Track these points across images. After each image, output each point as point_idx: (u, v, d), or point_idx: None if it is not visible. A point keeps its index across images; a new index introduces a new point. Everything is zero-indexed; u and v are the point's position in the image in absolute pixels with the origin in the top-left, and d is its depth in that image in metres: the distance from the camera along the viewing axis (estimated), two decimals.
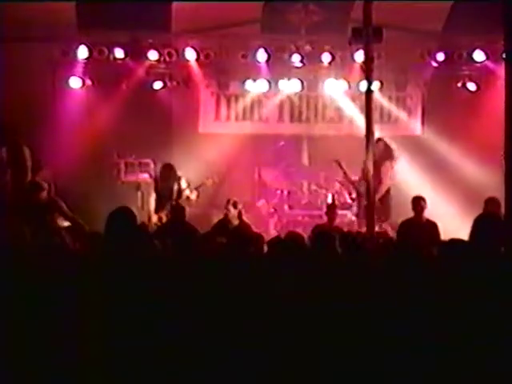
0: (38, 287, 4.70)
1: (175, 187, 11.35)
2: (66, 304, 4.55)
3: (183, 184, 11.43)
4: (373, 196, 9.30)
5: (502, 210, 6.76)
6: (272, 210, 13.11)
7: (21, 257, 5.28)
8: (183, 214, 10.07)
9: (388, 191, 11.67)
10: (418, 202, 10.32)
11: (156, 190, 11.49)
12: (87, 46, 12.82)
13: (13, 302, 4.59)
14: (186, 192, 11.36)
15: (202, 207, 12.41)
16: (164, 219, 11.05)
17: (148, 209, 11.48)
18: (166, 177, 11.43)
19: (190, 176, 11.89)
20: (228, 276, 4.97)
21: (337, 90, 13.55)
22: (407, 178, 12.72)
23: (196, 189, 11.48)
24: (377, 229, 10.58)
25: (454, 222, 10.97)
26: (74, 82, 13.16)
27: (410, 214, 10.40)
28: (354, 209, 12.19)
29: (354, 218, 12.21)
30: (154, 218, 11.25)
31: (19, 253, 5.43)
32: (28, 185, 10.00)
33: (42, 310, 4.55)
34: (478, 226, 4.96)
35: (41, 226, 8.43)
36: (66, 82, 13.12)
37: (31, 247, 5.81)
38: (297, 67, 13.30)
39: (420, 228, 10.15)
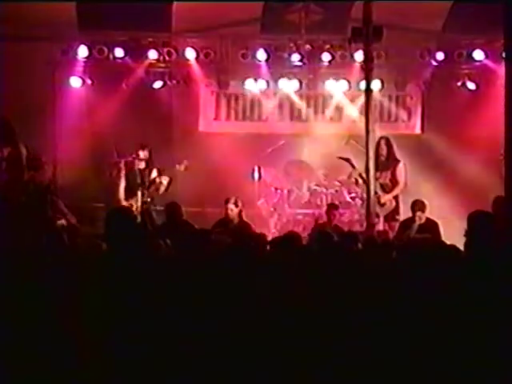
0: (37, 287, 4.70)
1: (146, 176, 11.31)
2: (66, 304, 4.55)
3: (154, 173, 11.41)
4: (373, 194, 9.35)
5: None
6: (272, 209, 13.10)
7: (19, 256, 5.28)
8: (180, 213, 10.05)
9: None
10: (417, 206, 10.32)
11: (126, 177, 11.41)
12: (87, 46, 12.83)
13: (11, 302, 4.59)
14: (157, 180, 11.31)
15: (200, 206, 12.42)
16: (134, 207, 10.98)
17: (118, 198, 11.37)
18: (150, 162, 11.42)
19: (189, 175, 11.90)
20: (230, 276, 4.97)
21: (337, 90, 13.55)
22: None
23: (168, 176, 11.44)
24: (387, 227, 10.71)
25: (453, 221, 10.97)
26: (74, 82, 13.17)
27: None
28: (358, 206, 12.26)
29: (356, 217, 12.27)
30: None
31: (18, 252, 5.44)
32: (29, 161, 9.89)
33: (40, 310, 4.55)
34: (472, 223, 4.98)
35: (39, 224, 8.41)
36: (66, 82, 13.12)
37: (30, 246, 5.82)
38: (297, 66, 13.31)
39: (420, 227, 10.18)
